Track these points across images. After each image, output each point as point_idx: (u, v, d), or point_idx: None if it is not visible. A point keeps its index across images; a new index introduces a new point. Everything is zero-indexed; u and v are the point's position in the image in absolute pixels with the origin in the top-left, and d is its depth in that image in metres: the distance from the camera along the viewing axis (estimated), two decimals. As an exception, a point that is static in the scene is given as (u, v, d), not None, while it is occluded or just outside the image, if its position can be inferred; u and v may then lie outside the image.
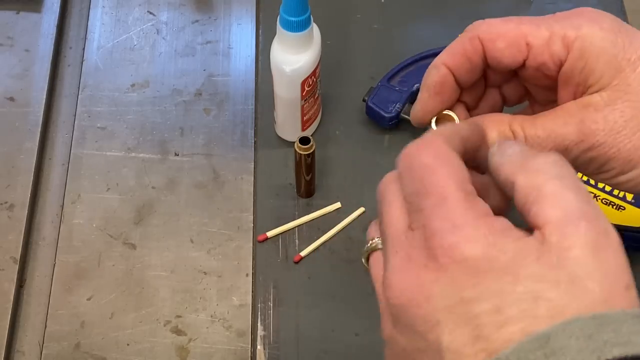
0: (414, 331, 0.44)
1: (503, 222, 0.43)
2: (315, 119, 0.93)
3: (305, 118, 0.90)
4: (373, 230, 0.51)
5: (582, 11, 0.55)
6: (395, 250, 0.46)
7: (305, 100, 0.87)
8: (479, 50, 0.54)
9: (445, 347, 0.42)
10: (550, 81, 0.56)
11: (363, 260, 0.52)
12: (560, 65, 0.55)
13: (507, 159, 0.46)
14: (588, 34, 0.54)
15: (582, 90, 0.55)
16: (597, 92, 0.54)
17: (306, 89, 0.86)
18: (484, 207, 0.44)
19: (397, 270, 0.45)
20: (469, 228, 0.43)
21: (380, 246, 0.49)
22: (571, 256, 0.41)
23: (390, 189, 0.48)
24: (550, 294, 0.41)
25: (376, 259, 0.50)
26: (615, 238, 0.42)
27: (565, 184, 0.43)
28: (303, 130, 0.91)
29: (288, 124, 0.91)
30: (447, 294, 0.42)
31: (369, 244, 0.51)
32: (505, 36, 0.54)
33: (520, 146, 0.47)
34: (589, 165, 0.54)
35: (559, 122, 0.54)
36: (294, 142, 0.84)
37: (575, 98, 0.55)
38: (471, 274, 0.42)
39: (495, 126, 0.54)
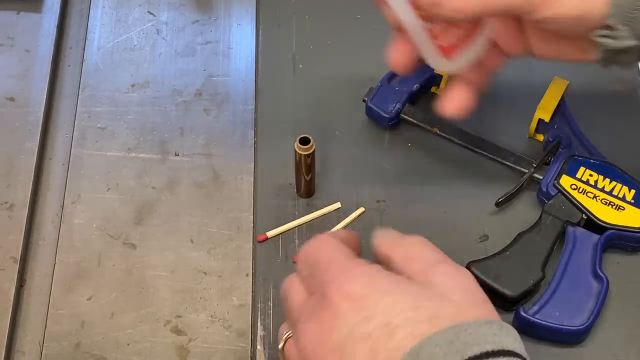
0: None
1: (379, 267, 0.57)
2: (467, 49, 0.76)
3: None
4: (283, 329, 0.63)
5: None
6: (302, 315, 0.57)
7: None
8: None
9: None
10: None
11: (280, 357, 0.62)
12: None
13: (384, 240, 0.61)
14: None
15: None
16: None
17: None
18: (362, 261, 0.59)
19: (306, 329, 0.55)
20: (351, 272, 0.56)
21: (292, 334, 0.60)
22: (436, 281, 0.55)
23: (290, 283, 0.62)
24: (426, 303, 0.52)
25: (290, 344, 0.59)
26: (466, 271, 0.57)
27: (427, 247, 0.59)
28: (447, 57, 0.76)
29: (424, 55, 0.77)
30: (344, 323, 0.52)
31: (283, 339, 0.61)
32: None
33: (395, 232, 0.62)
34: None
35: None
36: (294, 143, 0.84)
37: None
38: (359, 303, 0.53)
39: None
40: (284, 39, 1.03)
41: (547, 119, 0.90)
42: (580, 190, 0.84)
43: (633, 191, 0.83)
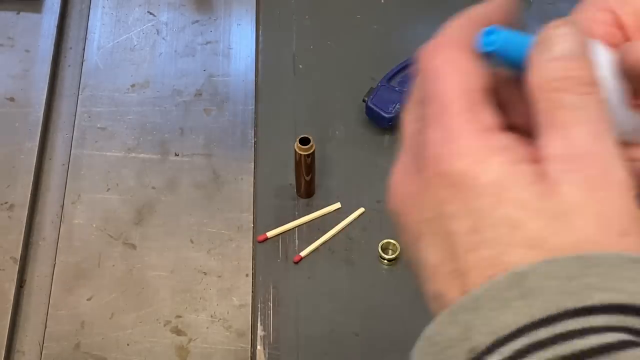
0: (407, 239, 0.42)
1: (507, 139, 0.39)
2: None
3: None
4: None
5: None
6: (404, 150, 0.44)
7: None
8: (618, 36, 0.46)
9: (424, 262, 0.40)
10: None
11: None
12: None
13: (543, 66, 0.40)
14: None
15: None
16: None
17: None
18: (489, 120, 0.40)
19: (395, 173, 0.43)
20: (460, 141, 0.40)
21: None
22: (562, 191, 0.38)
23: (414, 90, 0.45)
24: (530, 224, 0.38)
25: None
26: (619, 180, 0.38)
27: (581, 116, 0.39)
28: None
29: None
30: (430, 206, 0.40)
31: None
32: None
33: (575, 39, 0.41)
34: None
35: None
36: (294, 143, 0.84)
37: None
38: (452, 189, 0.39)
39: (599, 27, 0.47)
40: (284, 39, 1.03)
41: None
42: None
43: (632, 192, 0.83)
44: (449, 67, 0.41)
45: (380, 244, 0.85)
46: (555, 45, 0.41)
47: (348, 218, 0.88)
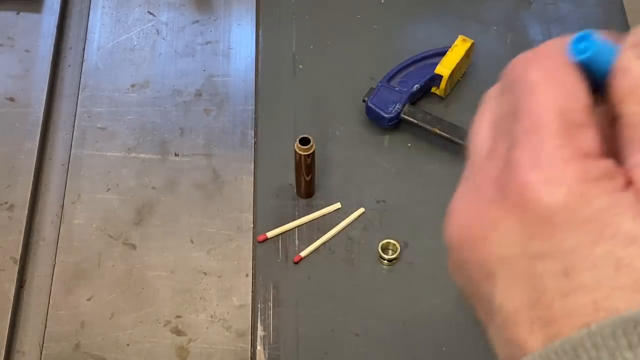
0: (469, 275, 0.37)
1: (606, 166, 0.34)
2: None
3: None
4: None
5: None
6: (468, 174, 0.38)
7: None
8: None
9: (497, 306, 0.34)
10: None
11: None
12: None
13: (635, 70, 0.34)
14: None
15: None
16: None
17: None
18: (588, 144, 0.34)
19: (460, 199, 0.38)
20: (555, 169, 0.34)
21: None
22: None
23: (489, 103, 0.39)
24: (638, 263, 0.32)
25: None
26: None
27: None
28: None
29: None
30: (509, 241, 0.34)
31: None
32: None
33: None
34: None
35: None
36: (294, 143, 0.84)
37: None
38: (542, 224, 0.33)
39: None
40: (284, 39, 1.03)
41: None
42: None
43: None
44: (547, 81, 0.36)
45: (380, 244, 0.85)
46: None
47: (348, 218, 0.88)
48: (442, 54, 0.96)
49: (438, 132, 0.92)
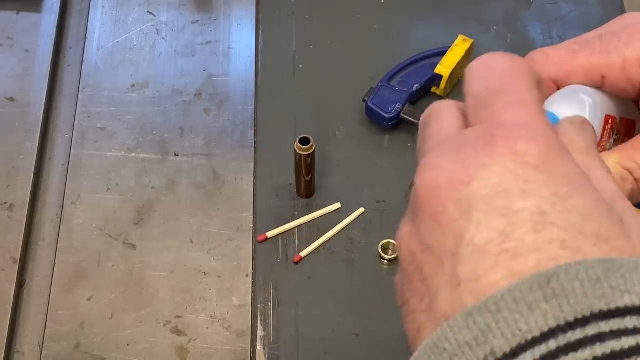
0: (435, 222, 0.39)
1: (577, 145, 0.43)
2: None
3: None
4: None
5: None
6: (440, 146, 0.42)
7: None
8: (553, 89, 0.51)
9: (466, 242, 0.37)
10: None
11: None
12: None
13: None
14: None
15: None
16: None
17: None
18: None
19: (437, 163, 0.41)
20: (540, 130, 0.40)
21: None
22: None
23: (444, 105, 0.45)
24: (603, 219, 0.38)
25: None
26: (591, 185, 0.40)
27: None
28: None
29: None
30: (493, 182, 0.38)
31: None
32: (578, 73, 0.51)
33: None
34: None
35: None
36: (294, 143, 0.84)
37: None
38: (527, 170, 0.38)
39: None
40: (284, 39, 1.03)
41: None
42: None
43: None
44: (521, 71, 0.43)
45: (380, 244, 0.85)
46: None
47: (348, 218, 0.88)
48: (442, 54, 0.96)
49: (438, 132, 0.91)
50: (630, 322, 0.35)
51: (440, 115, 0.44)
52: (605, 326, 0.34)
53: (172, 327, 0.81)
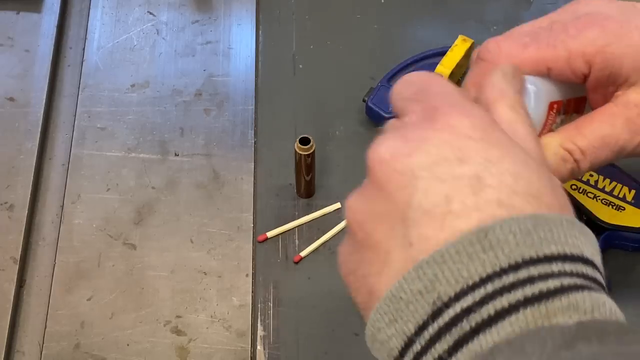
0: (383, 191, 0.44)
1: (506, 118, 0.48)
2: None
3: None
4: None
5: (593, 18, 0.58)
6: (384, 132, 0.48)
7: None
8: None
9: (414, 207, 0.42)
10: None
11: None
12: (585, 78, 0.57)
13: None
14: (607, 46, 0.56)
15: (612, 91, 0.58)
16: (628, 89, 0.58)
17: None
18: (481, 107, 0.48)
19: (382, 143, 0.46)
20: (467, 108, 0.45)
21: None
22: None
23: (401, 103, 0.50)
24: (532, 177, 0.43)
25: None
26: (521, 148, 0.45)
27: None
28: None
29: None
30: (434, 152, 0.43)
31: None
32: (526, 64, 0.56)
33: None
34: None
35: (606, 126, 0.58)
36: (294, 143, 0.84)
37: (607, 100, 0.59)
38: (459, 141, 0.43)
39: (548, 150, 0.57)
40: (284, 39, 1.03)
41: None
42: (580, 191, 0.84)
43: (633, 191, 0.83)
44: (441, 80, 0.50)
45: (380, 244, 0.85)
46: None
47: (348, 218, 0.88)
48: (442, 54, 0.96)
49: (438, 132, 0.91)
50: (555, 267, 0.40)
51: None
52: (534, 270, 0.40)
53: (172, 327, 0.81)
